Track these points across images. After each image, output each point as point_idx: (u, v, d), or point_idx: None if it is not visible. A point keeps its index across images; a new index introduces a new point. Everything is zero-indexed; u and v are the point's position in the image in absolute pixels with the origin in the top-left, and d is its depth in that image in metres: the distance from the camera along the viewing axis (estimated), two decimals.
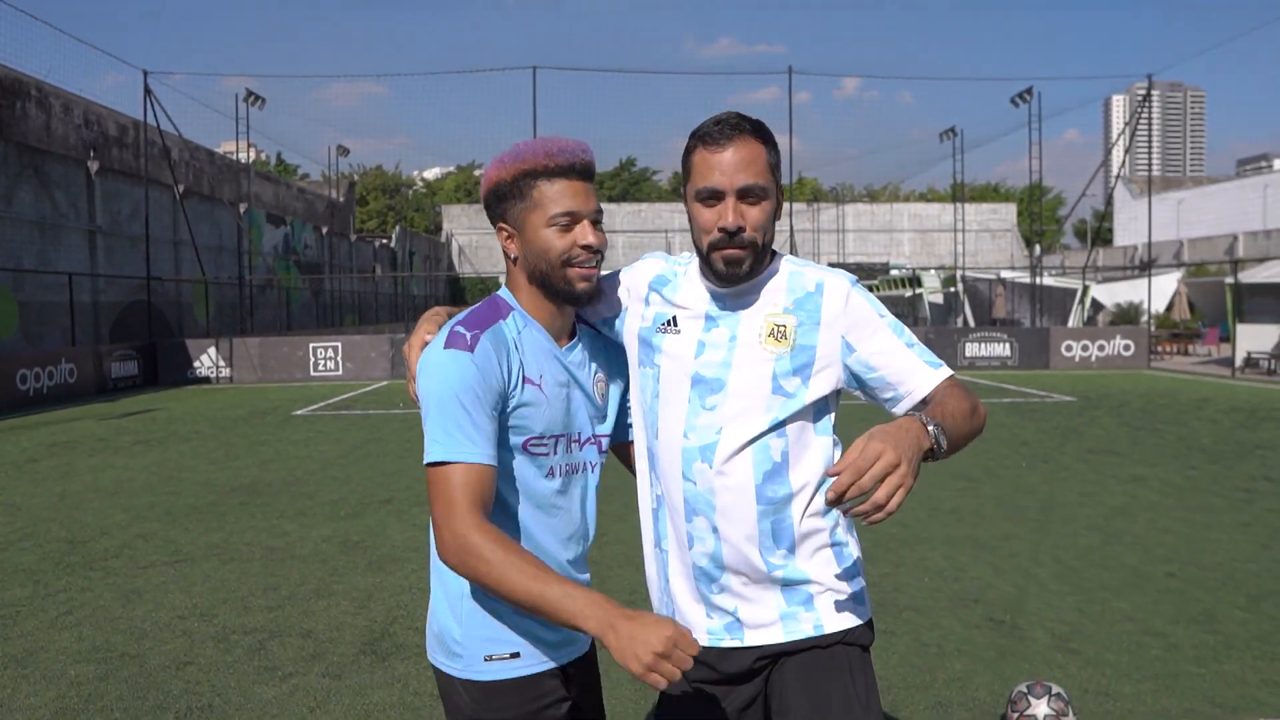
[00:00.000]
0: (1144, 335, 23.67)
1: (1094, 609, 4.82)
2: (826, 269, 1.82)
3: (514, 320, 1.74)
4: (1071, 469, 8.98)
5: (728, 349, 1.76)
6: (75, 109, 22.43)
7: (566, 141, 1.71)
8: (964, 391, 1.72)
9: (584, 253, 1.69)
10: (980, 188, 70.11)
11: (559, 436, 1.76)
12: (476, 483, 1.59)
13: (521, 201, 1.70)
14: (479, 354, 1.62)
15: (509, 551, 1.54)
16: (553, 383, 1.74)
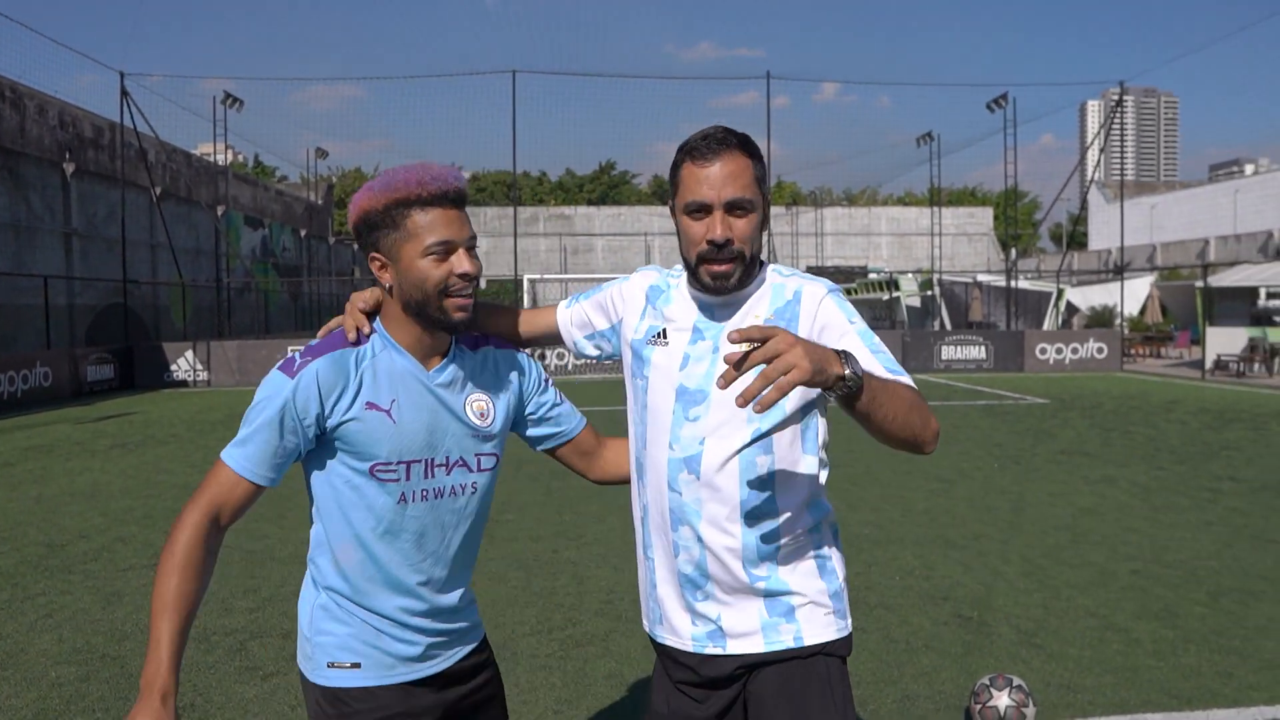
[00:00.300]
0: (1117, 338, 24.00)
1: (1059, 605, 4.95)
2: (809, 278, 1.84)
3: (372, 345, 1.75)
4: (1043, 470, 9.14)
5: (710, 360, 1.78)
6: (50, 110, 22.27)
7: (439, 169, 1.69)
8: (918, 398, 1.69)
9: (460, 281, 1.69)
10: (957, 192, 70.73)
11: (414, 461, 1.74)
12: (230, 492, 1.66)
13: (395, 231, 1.67)
14: (300, 380, 1.66)
15: (182, 568, 1.59)
16: (410, 407, 1.73)
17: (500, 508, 7.53)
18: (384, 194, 1.66)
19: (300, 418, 1.66)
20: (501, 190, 65.38)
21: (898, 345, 23.37)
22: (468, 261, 1.69)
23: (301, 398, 1.66)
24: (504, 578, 5.56)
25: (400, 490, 1.73)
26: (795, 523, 1.80)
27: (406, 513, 1.75)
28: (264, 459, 1.67)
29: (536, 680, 4.03)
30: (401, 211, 1.66)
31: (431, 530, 1.78)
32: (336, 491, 1.73)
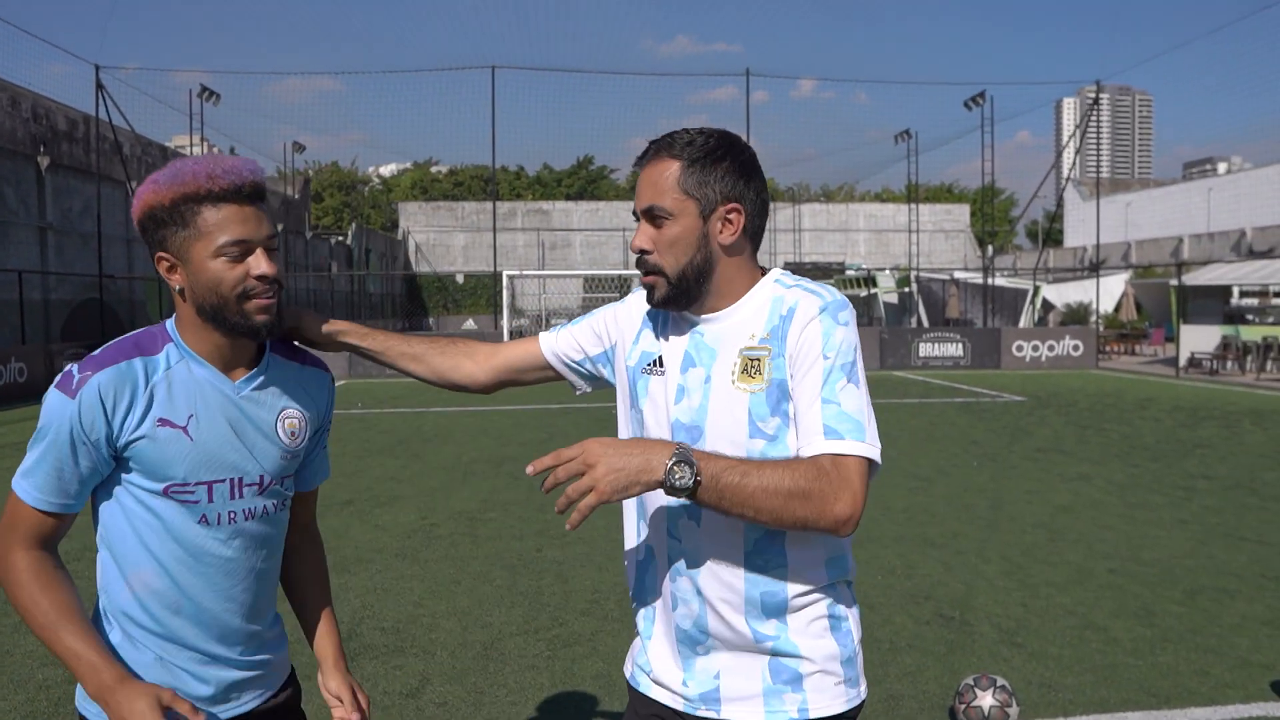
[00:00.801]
0: (1093, 335, 24.29)
1: (1039, 604, 5.03)
2: (811, 289, 1.63)
3: (166, 355, 1.58)
4: (1020, 468, 9.26)
5: (703, 392, 1.62)
6: (24, 102, 21.99)
7: (232, 160, 1.54)
8: (824, 475, 1.46)
9: (259, 284, 1.53)
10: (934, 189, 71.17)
11: (216, 482, 1.59)
12: (33, 523, 1.52)
13: (184, 229, 1.51)
14: (81, 399, 1.49)
15: (42, 588, 1.49)
16: (211, 423, 1.58)
17: (483, 506, 7.55)
18: (170, 188, 1.50)
19: (89, 438, 1.50)
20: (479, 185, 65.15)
21: (875, 342, 23.53)
22: (265, 262, 1.54)
23: (87, 418, 1.49)
24: (489, 577, 5.58)
25: (201, 512, 1.58)
26: (808, 578, 1.61)
27: (210, 535, 1.59)
28: (56, 487, 1.52)
29: (525, 681, 4.06)
30: (190, 208, 1.50)
31: (241, 555, 1.63)
32: (128, 513, 1.57)
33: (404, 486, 8.42)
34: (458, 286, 48.74)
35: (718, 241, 1.61)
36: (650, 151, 1.64)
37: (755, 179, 1.64)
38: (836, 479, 1.46)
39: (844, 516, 1.45)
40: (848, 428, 1.49)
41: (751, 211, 1.63)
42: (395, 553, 6.19)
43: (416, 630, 4.66)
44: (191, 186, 1.49)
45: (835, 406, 1.51)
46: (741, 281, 1.65)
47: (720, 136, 1.62)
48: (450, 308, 48.43)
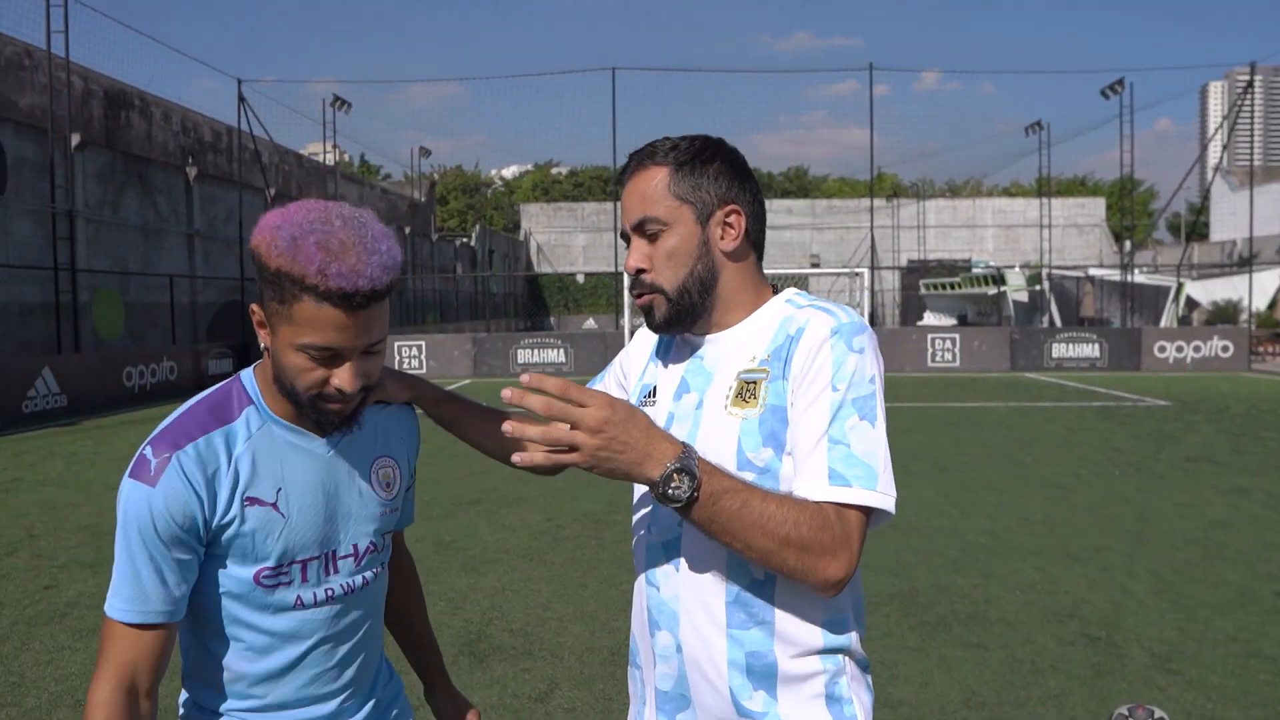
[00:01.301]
0: (1244, 335, 22.77)
1: (1195, 628, 4.71)
2: (825, 310, 1.42)
3: (245, 421, 1.41)
4: (1167, 478, 8.73)
5: (694, 418, 1.45)
6: (174, 117, 23.39)
7: (358, 256, 1.27)
8: (827, 528, 1.28)
9: (338, 395, 1.36)
10: (1066, 181, 68.15)
11: (310, 559, 1.43)
12: (134, 648, 1.33)
13: (279, 302, 1.31)
14: (162, 488, 1.31)
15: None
16: (302, 492, 1.42)
17: (608, 508, 7.59)
18: (280, 255, 1.28)
19: (179, 530, 1.33)
20: (599, 185, 65.91)
21: (1005, 343, 22.67)
22: (350, 376, 1.34)
23: (175, 506, 1.32)
24: (615, 581, 5.59)
25: (295, 594, 1.43)
26: (800, 642, 1.39)
27: (306, 617, 1.44)
28: (149, 594, 1.33)
29: None
30: (290, 288, 1.28)
31: (342, 632, 1.49)
32: (216, 601, 1.41)
33: (530, 487, 8.55)
34: (578, 286, 49.41)
35: (719, 248, 1.45)
36: (632, 164, 1.48)
37: (749, 180, 1.48)
38: (838, 532, 1.28)
39: (834, 579, 1.29)
40: (856, 473, 1.30)
41: (751, 213, 1.47)
42: (522, 553, 6.27)
43: (544, 633, 4.71)
44: (298, 270, 1.27)
45: (844, 448, 1.32)
46: (747, 295, 1.48)
47: (704, 139, 1.48)
48: (571, 307, 49.16)
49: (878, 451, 1.33)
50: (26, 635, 4.73)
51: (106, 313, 19.39)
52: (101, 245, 19.57)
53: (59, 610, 5.11)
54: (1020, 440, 11.18)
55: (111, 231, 19.99)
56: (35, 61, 17.61)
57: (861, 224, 43.17)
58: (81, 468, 9.89)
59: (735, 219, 1.46)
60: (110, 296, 19.64)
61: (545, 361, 22.60)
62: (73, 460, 10.42)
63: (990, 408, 14.98)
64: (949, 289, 37.53)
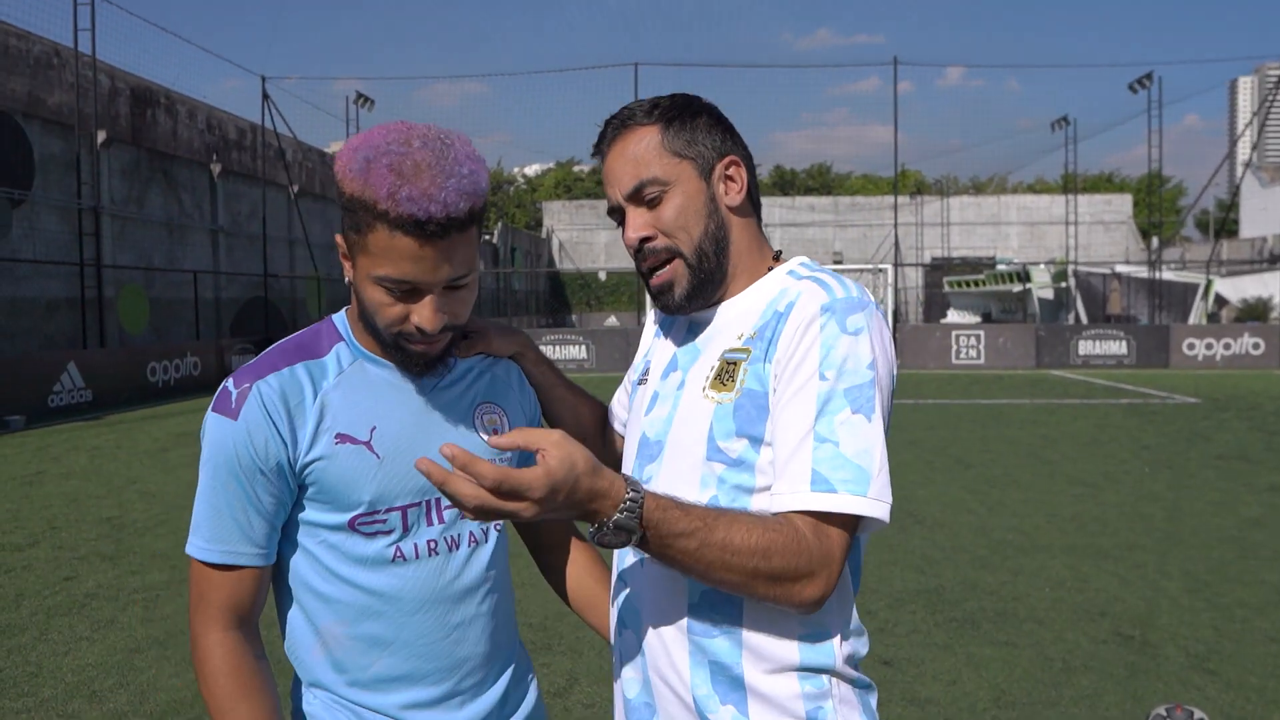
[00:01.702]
0: (1275, 333, 22.39)
1: (1232, 628, 4.58)
2: (820, 282, 1.27)
3: (336, 356, 1.32)
4: (1199, 476, 8.55)
5: (674, 399, 1.33)
6: (199, 114, 23.53)
7: (431, 178, 1.17)
8: (800, 550, 1.13)
9: (418, 334, 1.26)
10: (1092, 178, 67.42)
11: (410, 506, 1.31)
12: (224, 588, 1.26)
13: (355, 231, 1.23)
14: (245, 418, 1.24)
15: (241, 692, 1.24)
16: (399, 432, 1.30)
17: None
18: (353, 181, 1.20)
19: (265, 464, 1.24)
20: None
21: (1031, 340, 22.40)
22: (430, 313, 1.24)
23: (258, 439, 1.24)
24: None
25: (395, 545, 1.30)
26: (773, 656, 1.23)
27: (408, 574, 1.31)
28: (238, 533, 1.25)
29: None
30: (364, 216, 1.20)
31: (456, 596, 1.34)
32: (310, 558, 1.30)
33: None
34: (600, 284, 49.40)
35: (724, 203, 1.32)
36: (610, 131, 1.34)
37: (736, 132, 1.37)
38: (815, 554, 1.13)
39: (810, 601, 1.15)
40: (843, 476, 1.14)
41: (749, 168, 1.36)
42: None
43: (563, 628, 4.64)
44: (369, 194, 1.18)
45: (831, 447, 1.15)
46: (752, 260, 1.35)
47: (680, 94, 1.36)
48: (593, 304, 49.16)
49: (872, 450, 1.16)
50: (45, 625, 4.72)
51: (131, 308, 19.54)
52: (127, 241, 19.73)
53: (78, 601, 5.10)
54: (1046, 437, 11.01)
55: (137, 227, 20.15)
56: (63, 60, 17.75)
57: (885, 221, 42.89)
58: (104, 461, 9.94)
59: (736, 170, 1.34)
60: (135, 292, 19.79)
61: (568, 358, 22.56)
62: (96, 454, 10.48)
63: (1016, 405, 14.78)
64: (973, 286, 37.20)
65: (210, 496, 1.26)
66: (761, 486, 1.23)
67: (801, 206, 52.10)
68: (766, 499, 1.22)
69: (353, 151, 1.21)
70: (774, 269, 1.36)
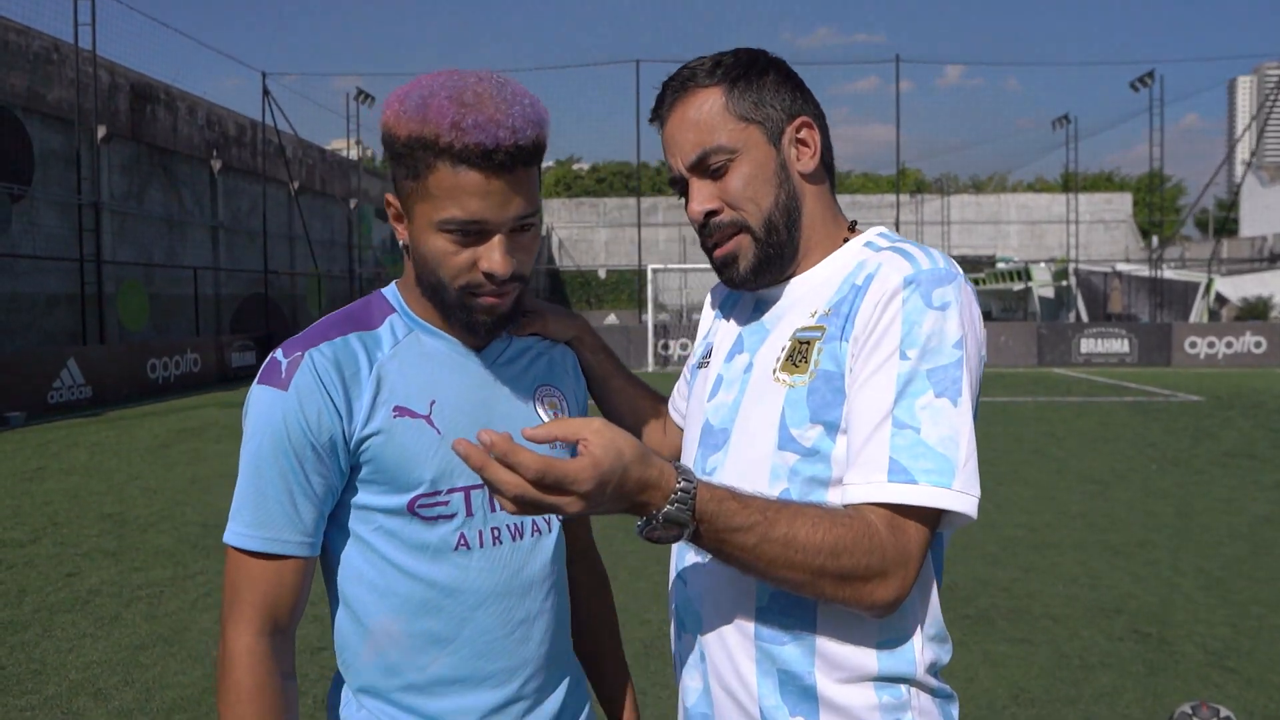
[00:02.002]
0: (1277, 332, 22.35)
1: (1249, 624, 4.53)
2: (902, 253, 1.16)
3: (390, 328, 1.22)
4: (1207, 473, 8.51)
5: (740, 383, 1.22)
6: (199, 110, 23.45)
7: (497, 104, 1.09)
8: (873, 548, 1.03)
9: (488, 283, 1.15)
10: (1092, 177, 67.41)
11: (474, 487, 1.20)
12: (264, 583, 1.13)
13: (412, 179, 1.13)
14: (297, 388, 1.12)
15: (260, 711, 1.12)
16: (459, 405, 1.20)
17: None
18: (409, 120, 1.10)
19: (317, 438, 1.13)
20: (621, 181, 65.83)
21: (1033, 338, 22.36)
22: (501, 256, 1.13)
23: (311, 411, 1.12)
24: (644, 572, 5.47)
25: (458, 531, 1.19)
26: (850, 666, 1.13)
27: (472, 564, 1.20)
28: (284, 518, 1.13)
29: None
30: (423, 157, 1.10)
31: (520, 589, 1.24)
32: (365, 547, 1.19)
33: None
34: (600, 282, 49.35)
35: (796, 170, 1.21)
36: (669, 94, 1.23)
37: (807, 90, 1.25)
38: (890, 552, 1.03)
39: (884, 602, 1.05)
40: (926, 466, 1.04)
41: (822, 128, 1.24)
42: None
43: None
44: (430, 130, 1.08)
45: (911, 433, 1.05)
46: (826, 231, 1.24)
47: (746, 50, 1.25)
48: (593, 303, 49.12)
49: (958, 438, 1.06)
50: (49, 622, 4.66)
51: (131, 304, 19.47)
52: (126, 237, 19.66)
53: (81, 598, 5.05)
54: (1052, 435, 10.97)
55: (137, 223, 20.08)
56: (63, 55, 17.66)
57: (885, 220, 42.86)
58: (105, 457, 9.89)
59: (809, 134, 1.22)
60: (135, 288, 19.72)
61: None
62: (96, 450, 10.42)
63: (1019, 402, 14.74)
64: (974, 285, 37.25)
65: (254, 478, 1.13)
66: (837, 478, 1.12)
67: None
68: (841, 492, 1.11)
69: (403, 97, 1.12)
70: (849, 240, 1.25)
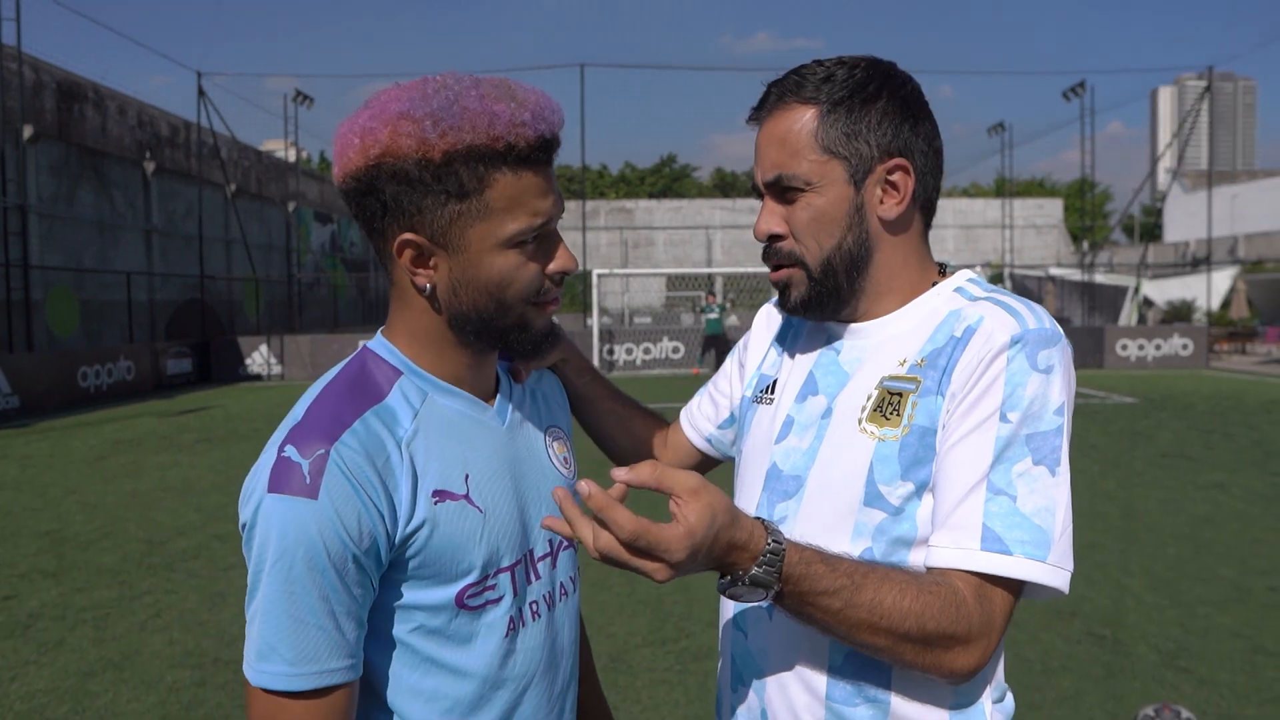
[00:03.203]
0: (1203, 334, 23.15)
1: (1197, 624, 4.67)
2: (1015, 309, 1.10)
3: (402, 395, 1.06)
4: (1147, 474, 8.76)
5: (817, 429, 1.15)
6: (130, 110, 22.78)
7: (525, 91, 1.02)
8: (960, 616, 1.00)
9: (554, 287, 1.08)
10: (1024, 183, 69.14)
11: (516, 564, 1.09)
12: (326, 716, 0.97)
13: (459, 200, 0.99)
14: (329, 498, 0.95)
15: None
16: (490, 475, 1.08)
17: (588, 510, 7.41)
18: (444, 134, 0.96)
19: (359, 549, 0.96)
20: (563, 184, 65.69)
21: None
22: (566, 250, 1.08)
23: (349, 519, 0.95)
24: (606, 584, 5.44)
25: (508, 615, 1.08)
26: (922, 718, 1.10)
27: (519, 647, 1.09)
28: (329, 646, 0.96)
29: (658, 696, 3.89)
30: (475, 170, 0.98)
31: (554, 663, 1.15)
32: (405, 649, 1.04)
33: None
34: None
35: (877, 215, 1.14)
36: (771, 98, 1.16)
37: (924, 122, 1.15)
38: (975, 620, 0.99)
39: (964, 671, 1.02)
40: (1020, 537, 1.00)
41: (923, 169, 1.15)
42: None
43: None
44: (485, 136, 0.97)
45: (1006, 500, 1.01)
46: (908, 277, 1.17)
47: (869, 66, 1.15)
48: None
49: (1055, 509, 1.02)
50: None
51: (60, 310, 18.82)
52: (55, 241, 19.00)
53: (20, 622, 4.85)
54: None
55: (66, 227, 19.42)
56: None
57: None
58: (37, 471, 9.53)
59: (901, 178, 1.14)
60: (64, 294, 19.07)
61: None
62: (27, 464, 10.04)
63: None
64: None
65: (287, 605, 0.95)
66: (923, 538, 1.07)
67: (742, 209, 52.44)
68: (927, 553, 1.07)
69: (401, 116, 0.97)
70: (937, 284, 1.19)
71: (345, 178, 1.01)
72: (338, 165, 1.02)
